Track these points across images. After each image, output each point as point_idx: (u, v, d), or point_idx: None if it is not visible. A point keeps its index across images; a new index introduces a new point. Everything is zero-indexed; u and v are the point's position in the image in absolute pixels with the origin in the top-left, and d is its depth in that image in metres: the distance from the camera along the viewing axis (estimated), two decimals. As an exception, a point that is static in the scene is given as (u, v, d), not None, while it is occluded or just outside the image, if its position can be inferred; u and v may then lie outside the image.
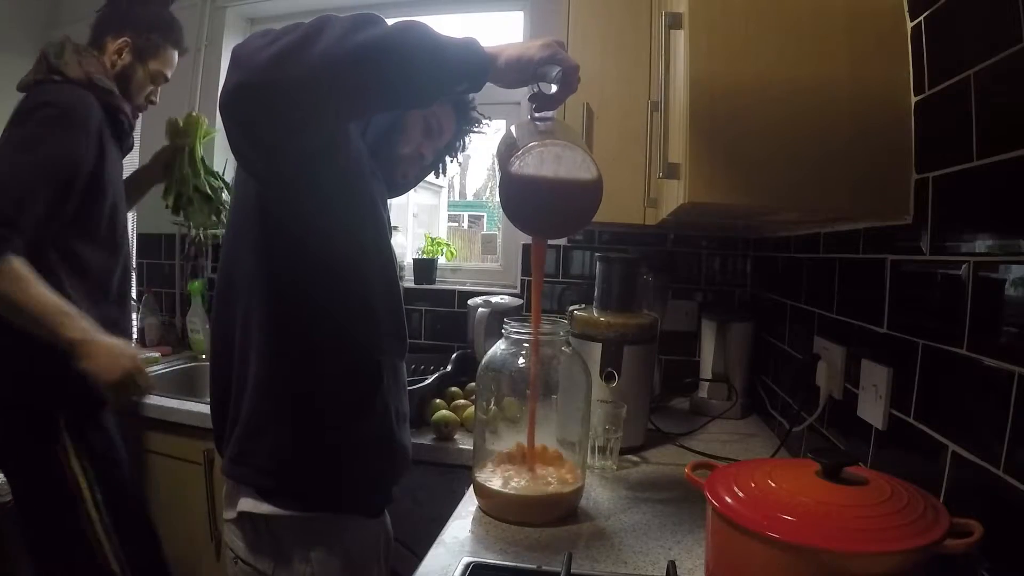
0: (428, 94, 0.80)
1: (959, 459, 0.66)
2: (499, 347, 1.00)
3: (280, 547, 0.89)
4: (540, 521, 0.93)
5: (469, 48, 0.76)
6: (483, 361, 1.01)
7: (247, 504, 0.89)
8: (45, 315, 1.14)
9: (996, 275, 0.62)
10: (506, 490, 0.94)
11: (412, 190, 1.21)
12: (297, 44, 0.68)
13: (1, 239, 1.12)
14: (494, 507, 0.95)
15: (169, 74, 1.51)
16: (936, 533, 0.55)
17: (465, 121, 1.13)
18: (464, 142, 1.16)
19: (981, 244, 0.66)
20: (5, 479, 1.36)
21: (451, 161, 1.18)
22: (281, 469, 0.88)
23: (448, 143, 1.13)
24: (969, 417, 0.66)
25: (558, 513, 0.95)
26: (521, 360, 0.98)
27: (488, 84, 0.80)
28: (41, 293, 1.15)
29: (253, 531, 0.90)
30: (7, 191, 1.16)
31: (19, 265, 1.13)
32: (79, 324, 1.17)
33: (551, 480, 0.96)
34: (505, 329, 0.99)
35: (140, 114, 1.50)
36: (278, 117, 0.71)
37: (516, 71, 0.79)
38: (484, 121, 1.15)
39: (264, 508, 0.88)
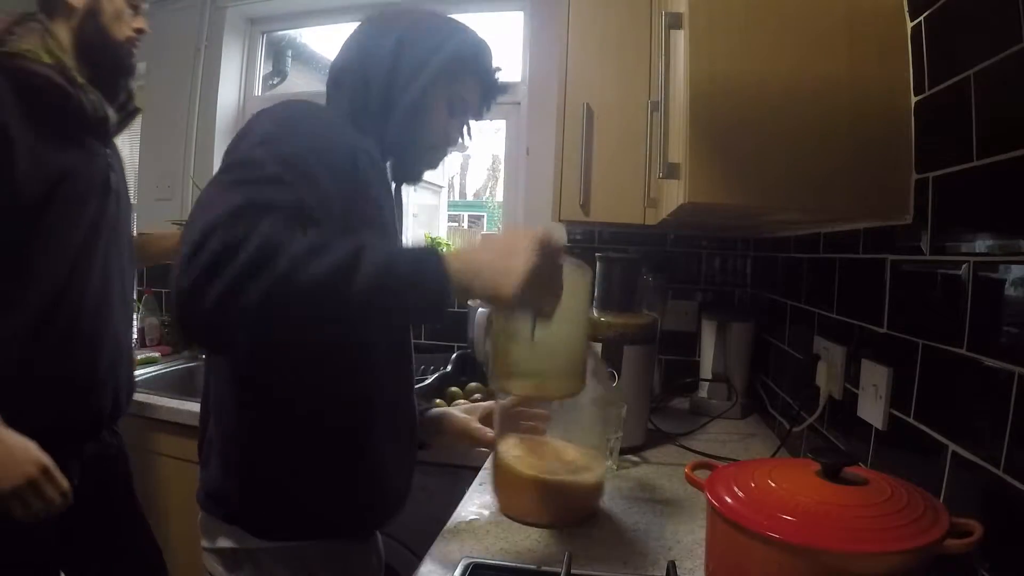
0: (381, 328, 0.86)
1: (959, 459, 0.66)
2: None
3: (259, 573, 0.86)
4: (561, 510, 0.92)
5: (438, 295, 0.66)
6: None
7: (225, 542, 0.86)
8: None
9: (996, 275, 0.62)
10: (527, 470, 0.93)
11: (412, 190, 1.17)
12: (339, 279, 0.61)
13: None
14: (514, 500, 0.95)
15: None
16: (936, 533, 0.55)
17: (489, 92, 1.02)
18: (488, 106, 1.04)
19: (981, 244, 0.66)
20: None
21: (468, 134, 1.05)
22: (258, 512, 0.85)
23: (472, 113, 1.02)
24: (969, 417, 0.66)
25: (579, 502, 0.95)
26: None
27: None
28: None
29: (233, 559, 0.86)
30: None
31: None
32: None
33: (577, 468, 0.95)
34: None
35: (133, 50, 1.20)
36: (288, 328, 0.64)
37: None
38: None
39: (250, 543, 0.85)
